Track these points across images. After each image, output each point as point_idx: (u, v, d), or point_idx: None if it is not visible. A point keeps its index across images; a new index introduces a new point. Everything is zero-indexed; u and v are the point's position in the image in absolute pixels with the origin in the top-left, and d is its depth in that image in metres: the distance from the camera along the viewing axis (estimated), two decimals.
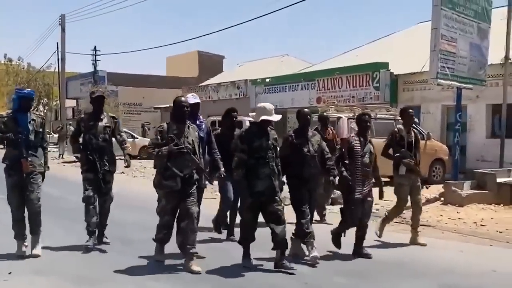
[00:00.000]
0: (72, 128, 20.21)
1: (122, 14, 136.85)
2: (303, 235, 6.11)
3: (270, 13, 33.44)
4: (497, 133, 15.97)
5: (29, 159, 6.06)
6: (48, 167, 6.49)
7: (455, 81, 12.46)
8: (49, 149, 6.78)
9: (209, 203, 8.51)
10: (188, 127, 5.79)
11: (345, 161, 6.46)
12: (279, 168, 5.98)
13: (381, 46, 24.94)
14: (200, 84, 35.41)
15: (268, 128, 5.95)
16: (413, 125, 7.69)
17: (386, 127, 11.58)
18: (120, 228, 7.67)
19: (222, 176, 6.66)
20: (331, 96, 22.11)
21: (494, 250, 7.19)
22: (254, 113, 5.93)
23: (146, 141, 23.22)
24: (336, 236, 6.70)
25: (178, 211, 5.77)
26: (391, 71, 19.93)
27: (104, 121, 6.75)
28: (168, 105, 34.37)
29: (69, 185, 12.37)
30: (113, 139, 6.87)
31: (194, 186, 5.78)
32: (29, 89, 6.61)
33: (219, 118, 20.76)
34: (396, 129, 7.38)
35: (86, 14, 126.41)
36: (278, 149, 6.06)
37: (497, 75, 15.06)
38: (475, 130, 17.38)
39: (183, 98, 5.88)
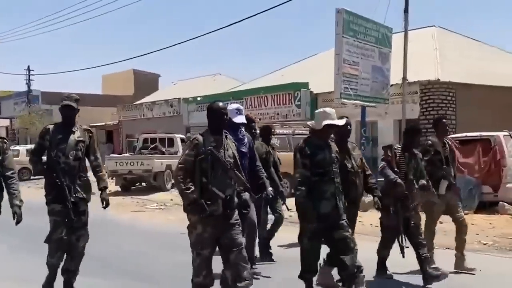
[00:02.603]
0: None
1: (57, 33, 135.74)
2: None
3: (205, 34, 34.69)
4: None
5: None
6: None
7: (359, 100, 14.11)
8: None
9: None
10: (226, 137, 4.76)
11: None
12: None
13: (304, 66, 26.69)
14: (135, 103, 36.16)
15: (330, 140, 5.25)
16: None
17: None
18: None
19: (270, 197, 6.09)
20: (258, 113, 23.59)
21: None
22: (312, 121, 5.29)
23: None
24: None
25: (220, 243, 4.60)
26: (311, 90, 21.52)
27: (77, 135, 5.27)
28: (103, 124, 35.01)
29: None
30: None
31: (236, 212, 4.71)
32: None
33: (152, 135, 21.98)
34: (429, 142, 6.42)
35: (20, 34, 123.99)
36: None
37: (399, 93, 16.88)
38: (385, 143, 19.11)
39: (221, 104, 4.79)
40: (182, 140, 21.37)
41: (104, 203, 5.34)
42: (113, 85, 47.96)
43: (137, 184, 19.61)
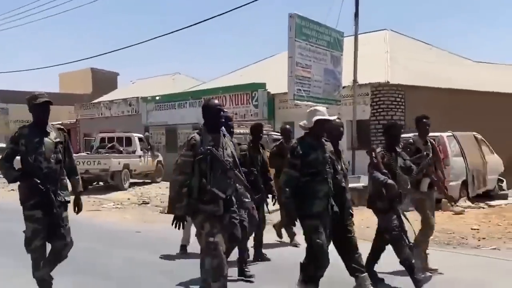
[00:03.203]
0: None
1: (11, 32, 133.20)
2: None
3: (165, 34, 34.63)
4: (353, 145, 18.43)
5: None
6: None
7: (311, 101, 14.61)
8: None
9: None
10: (224, 135, 4.65)
11: None
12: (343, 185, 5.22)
13: (262, 67, 27.14)
14: (93, 101, 35.95)
15: (323, 140, 5.14)
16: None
17: None
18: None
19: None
20: None
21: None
22: (304, 121, 5.13)
23: None
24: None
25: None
26: (268, 90, 21.96)
27: (53, 136, 5.01)
28: (61, 122, 34.65)
29: None
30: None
31: (235, 213, 4.68)
32: None
33: (110, 134, 22.03)
34: (411, 140, 6.57)
35: None
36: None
37: (351, 95, 17.48)
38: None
39: (216, 101, 4.71)
40: (140, 139, 21.54)
41: (77, 208, 5.11)
42: (70, 84, 47.45)
43: (94, 183, 19.66)
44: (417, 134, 6.60)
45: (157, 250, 8.05)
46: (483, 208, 12.40)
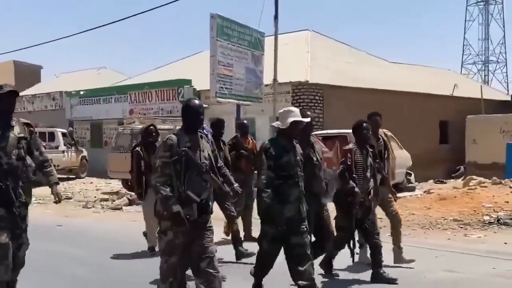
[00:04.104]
0: None
1: None
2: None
3: (91, 29, 34.10)
4: None
5: None
6: None
7: (233, 99, 15.15)
8: None
9: None
10: (201, 137, 4.52)
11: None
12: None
13: (189, 63, 27.43)
14: None
15: (294, 141, 5.08)
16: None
17: None
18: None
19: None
20: (143, 108, 24.02)
21: None
22: (277, 122, 5.08)
23: None
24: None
25: (191, 250, 4.37)
26: (194, 87, 22.33)
27: (16, 130, 4.68)
28: None
29: None
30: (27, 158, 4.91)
31: (210, 217, 4.49)
32: None
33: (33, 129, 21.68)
34: None
35: None
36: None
37: (273, 93, 18.16)
38: (265, 139, 20.43)
39: (197, 101, 4.52)
40: (64, 134, 21.36)
41: (57, 197, 4.98)
42: None
43: None
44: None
45: (79, 243, 8.34)
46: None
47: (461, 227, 9.54)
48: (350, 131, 13.49)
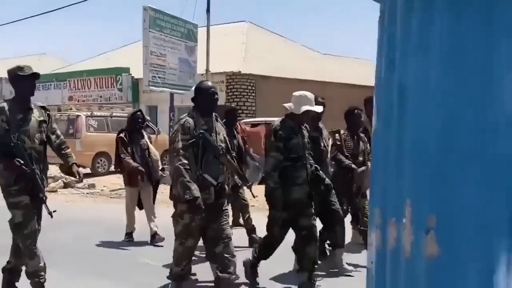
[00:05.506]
0: None
1: None
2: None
3: (32, 16, 33.80)
4: None
5: None
6: None
7: (167, 87, 15.89)
8: None
9: None
10: (217, 119, 4.40)
11: None
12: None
13: (128, 51, 27.82)
14: None
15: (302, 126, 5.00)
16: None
17: (120, 124, 13.25)
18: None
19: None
20: (82, 95, 24.42)
21: None
22: (289, 104, 4.88)
23: None
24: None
25: (206, 234, 4.31)
26: (132, 75, 22.89)
27: (36, 114, 4.42)
28: None
29: None
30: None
31: (226, 200, 4.44)
32: None
33: None
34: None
35: None
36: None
37: None
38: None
39: (210, 83, 4.45)
40: None
41: (78, 175, 4.65)
42: None
43: None
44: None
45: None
46: None
47: None
48: (275, 119, 14.73)
